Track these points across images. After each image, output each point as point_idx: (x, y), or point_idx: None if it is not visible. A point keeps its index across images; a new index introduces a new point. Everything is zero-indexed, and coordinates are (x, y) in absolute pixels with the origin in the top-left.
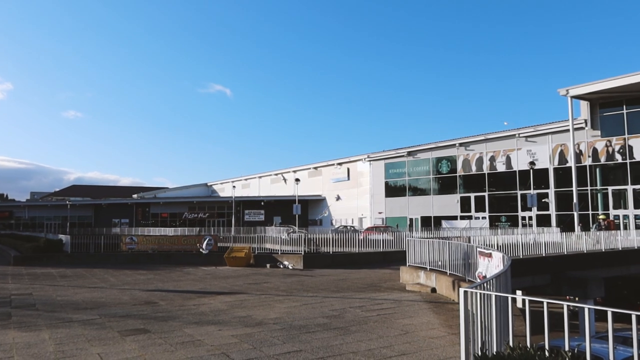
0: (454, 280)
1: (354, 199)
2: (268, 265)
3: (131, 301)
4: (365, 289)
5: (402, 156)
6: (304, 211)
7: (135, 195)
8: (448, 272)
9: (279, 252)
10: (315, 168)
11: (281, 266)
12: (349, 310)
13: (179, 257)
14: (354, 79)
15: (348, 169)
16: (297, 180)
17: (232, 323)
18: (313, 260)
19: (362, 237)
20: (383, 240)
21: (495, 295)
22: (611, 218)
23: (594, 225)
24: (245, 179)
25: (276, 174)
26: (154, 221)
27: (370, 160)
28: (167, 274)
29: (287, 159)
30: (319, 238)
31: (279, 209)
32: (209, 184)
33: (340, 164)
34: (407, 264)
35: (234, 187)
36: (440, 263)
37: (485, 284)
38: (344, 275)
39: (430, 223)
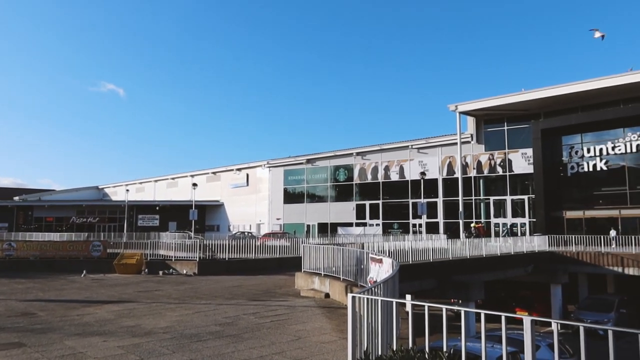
0: (346, 286)
1: (253, 205)
2: (161, 272)
3: (5, 312)
4: (260, 295)
5: (301, 163)
6: (201, 217)
7: (16, 198)
8: (341, 277)
9: (173, 258)
10: (214, 173)
11: (175, 273)
12: (243, 317)
13: (64, 264)
14: (256, 85)
15: (247, 175)
16: (195, 185)
17: (118, 333)
18: (208, 267)
19: (259, 243)
20: (280, 246)
21: (382, 300)
22: (482, 224)
23: (466, 232)
24: (140, 183)
25: (173, 178)
26: (37, 225)
27: (269, 167)
28: (49, 282)
29: (185, 163)
30: (215, 244)
31: (175, 214)
32: (100, 187)
33: (239, 169)
34: (302, 270)
35: (127, 190)
36: (334, 269)
37: (373, 289)
38: (239, 281)
39: (327, 229)
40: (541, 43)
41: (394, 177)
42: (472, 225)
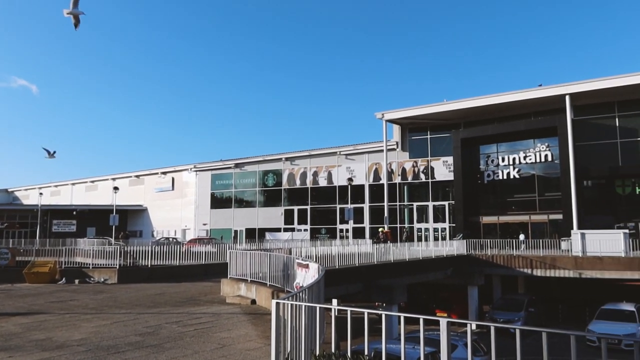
0: (273, 291)
1: (178, 209)
2: (77, 281)
3: None
4: (184, 303)
5: (230, 168)
6: (122, 222)
7: None
8: (268, 283)
9: (91, 266)
10: (137, 176)
11: (93, 281)
12: (165, 326)
13: None
14: (184, 89)
15: (173, 179)
16: (116, 188)
17: (27, 348)
18: (129, 275)
19: (184, 249)
20: (206, 252)
21: (305, 306)
22: (389, 230)
23: (374, 238)
24: (56, 186)
25: (92, 181)
26: None
27: (196, 171)
28: None
29: (106, 165)
30: (137, 250)
31: (94, 220)
32: (10, 190)
33: (164, 173)
34: (229, 276)
35: (40, 194)
36: (261, 275)
37: (298, 295)
38: (162, 289)
39: (255, 235)
40: (470, 53)
41: (322, 182)
42: (380, 230)
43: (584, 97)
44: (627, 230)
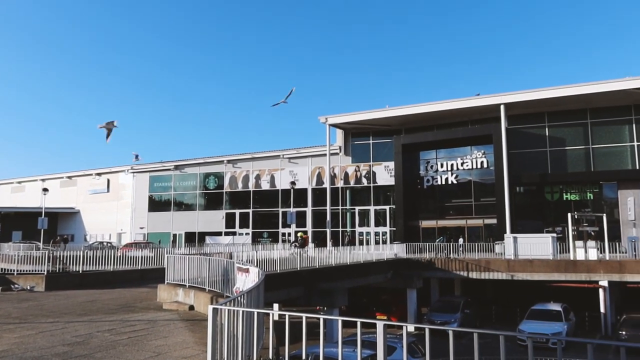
0: (212, 297)
1: (114, 212)
2: (0, 289)
3: None
4: (118, 310)
5: (169, 169)
6: (52, 225)
7: None
8: (207, 288)
9: (16, 272)
10: (70, 177)
11: (17, 289)
12: (96, 334)
13: None
14: (115, 88)
15: (108, 180)
16: (45, 190)
17: None
18: (58, 281)
19: (119, 254)
20: (143, 257)
21: (243, 311)
22: (307, 235)
23: (292, 243)
24: None
25: (19, 182)
26: None
27: (134, 172)
28: None
29: (34, 165)
30: (67, 255)
31: (21, 223)
32: None
33: (99, 174)
34: (166, 281)
35: None
36: (200, 280)
37: (237, 300)
38: (95, 296)
39: (195, 239)
40: (415, 59)
41: (265, 186)
42: (299, 234)
43: (517, 107)
44: (555, 235)
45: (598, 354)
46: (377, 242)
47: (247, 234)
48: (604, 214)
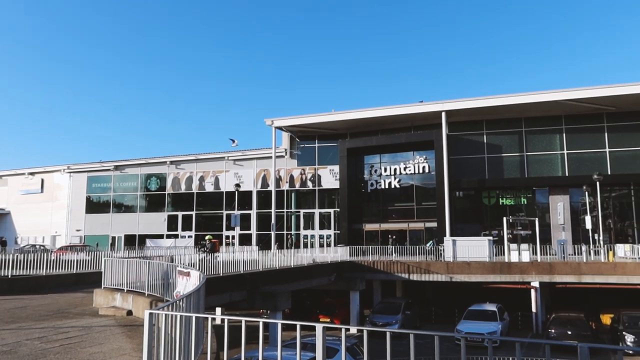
0: (151, 301)
1: (48, 214)
2: None
3: None
4: (50, 316)
5: (109, 170)
6: None
7: None
8: (147, 292)
9: None
10: (0, 177)
11: None
12: (26, 343)
13: None
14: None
15: (42, 180)
16: None
17: None
18: None
19: (53, 258)
20: (79, 260)
21: (181, 316)
22: (217, 240)
23: (199, 247)
24: None
25: None
26: None
27: (70, 172)
28: None
29: None
30: None
31: None
32: None
33: (32, 173)
34: (103, 286)
35: None
36: (139, 284)
37: (176, 304)
38: (25, 302)
39: (135, 242)
40: (363, 64)
41: (209, 188)
42: (207, 238)
43: (458, 115)
44: (491, 238)
45: (530, 351)
46: (321, 245)
47: (189, 236)
48: (536, 218)
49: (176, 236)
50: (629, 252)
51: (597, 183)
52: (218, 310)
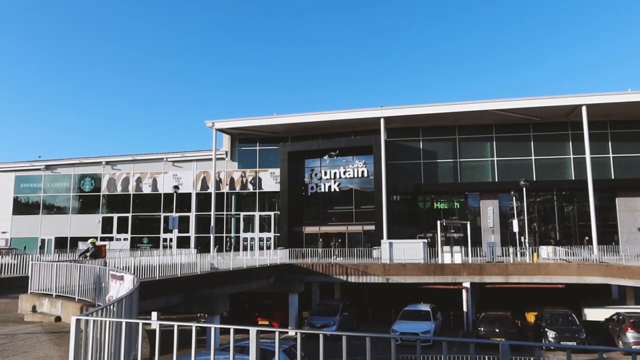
0: (82, 306)
1: None
2: None
3: None
4: None
5: (39, 169)
6: None
7: None
8: (77, 297)
9: None
10: None
11: None
12: None
13: None
14: None
15: None
16: None
17: None
18: None
19: None
20: (3, 264)
21: (110, 321)
22: (103, 244)
23: (82, 254)
24: None
25: None
26: None
27: None
28: None
29: None
30: None
31: None
32: None
33: None
34: (29, 291)
35: None
36: (70, 288)
37: (107, 309)
38: None
39: (67, 244)
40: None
41: (147, 189)
42: (90, 241)
43: (396, 121)
44: (425, 240)
45: (461, 350)
46: (261, 248)
47: (125, 239)
48: (468, 222)
49: (111, 239)
50: (551, 254)
51: (524, 189)
52: (154, 314)
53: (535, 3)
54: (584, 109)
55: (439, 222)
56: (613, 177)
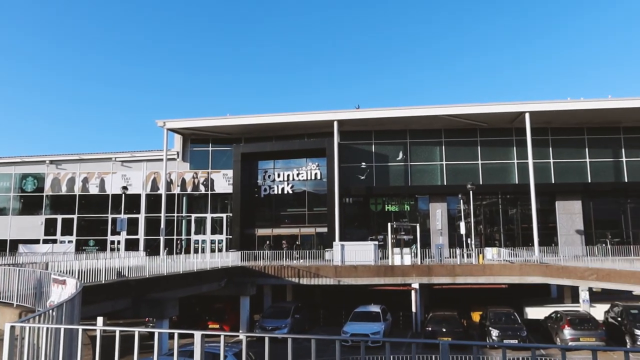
0: (21, 312)
1: None
2: None
3: None
4: None
5: None
6: None
7: None
8: (15, 303)
9: None
10: None
11: None
12: None
13: None
14: None
15: None
16: None
17: None
18: None
19: None
20: None
21: (48, 328)
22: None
23: None
24: None
25: None
26: None
27: None
28: None
29: None
30: None
31: None
32: None
33: None
34: None
35: None
36: (8, 294)
37: (45, 314)
38: None
39: (6, 247)
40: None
41: (94, 190)
42: None
43: (349, 124)
44: (377, 242)
45: (409, 348)
46: (212, 250)
47: (70, 241)
48: (418, 224)
49: (55, 241)
50: (496, 255)
51: (471, 192)
52: (100, 320)
53: (496, 13)
54: (527, 116)
55: (389, 224)
56: (553, 182)
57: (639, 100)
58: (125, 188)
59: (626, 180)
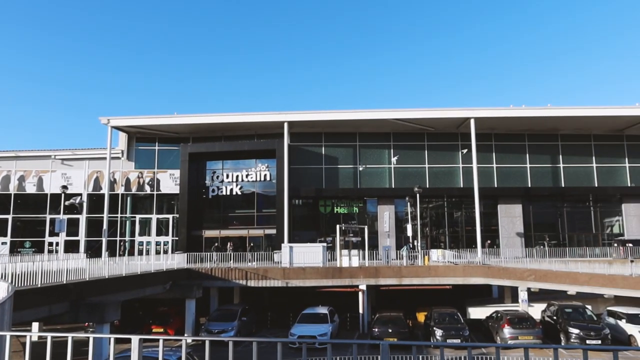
0: None
1: None
2: None
3: None
4: None
5: None
6: None
7: None
8: None
9: None
10: None
11: None
12: None
13: None
14: None
15: None
16: None
17: None
18: None
19: None
20: None
21: None
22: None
23: None
24: None
25: None
26: None
27: None
28: None
29: None
30: None
31: None
32: None
33: None
34: None
35: None
36: None
37: None
38: None
39: None
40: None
41: (31, 189)
42: None
43: (299, 126)
44: (325, 244)
45: (358, 348)
46: (158, 252)
47: (4, 243)
48: (366, 226)
49: None
50: (441, 257)
51: (418, 195)
52: (35, 325)
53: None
54: (472, 121)
55: (338, 226)
56: (496, 186)
57: (576, 109)
58: (65, 187)
59: (563, 185)
